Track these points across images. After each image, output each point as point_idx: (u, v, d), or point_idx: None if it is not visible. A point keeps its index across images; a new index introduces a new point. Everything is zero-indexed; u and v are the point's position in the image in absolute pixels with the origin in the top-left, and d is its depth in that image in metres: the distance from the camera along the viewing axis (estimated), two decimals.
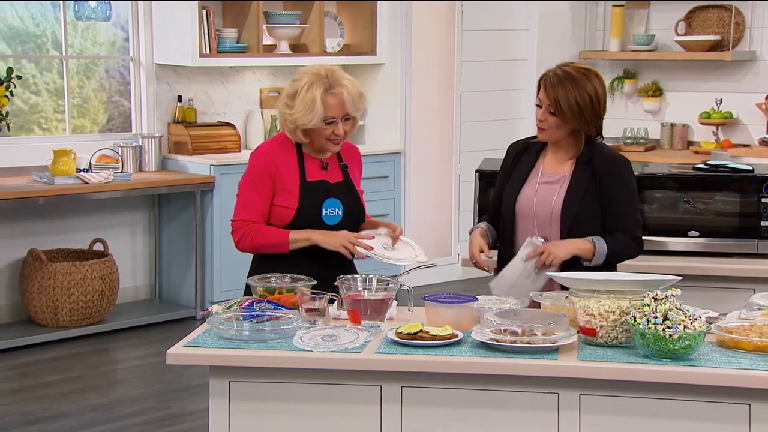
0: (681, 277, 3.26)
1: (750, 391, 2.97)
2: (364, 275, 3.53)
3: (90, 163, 6.60)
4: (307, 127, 3.72)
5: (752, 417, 2.99)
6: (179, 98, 7.14)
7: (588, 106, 3.64)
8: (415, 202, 7.93)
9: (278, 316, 3.31)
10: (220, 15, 7.23)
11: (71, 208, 6.77)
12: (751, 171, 4.68)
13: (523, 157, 3.85)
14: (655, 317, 3.02)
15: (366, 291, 3.42)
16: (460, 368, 3.07)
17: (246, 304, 3.45)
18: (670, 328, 2.99)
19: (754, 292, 3.97)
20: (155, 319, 6.81)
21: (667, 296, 3.06)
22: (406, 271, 3.86)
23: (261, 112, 7.47)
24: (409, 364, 3.09)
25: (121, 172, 6.66)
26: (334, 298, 3.45)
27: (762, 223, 4.57)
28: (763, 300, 3.47)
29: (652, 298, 3.06)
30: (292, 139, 3.80)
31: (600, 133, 3.74)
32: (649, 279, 3.23)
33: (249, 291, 3.67)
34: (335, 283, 3.47)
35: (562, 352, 3.11)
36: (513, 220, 3.79)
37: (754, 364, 3.01)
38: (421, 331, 3.20)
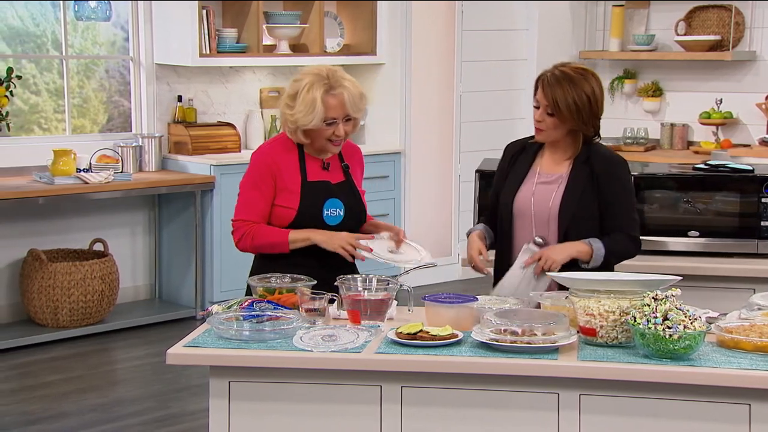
0: (681, 277, 3.26)
1: (750, 391, 2.97)
2: (364, 275, 3.54)
3: (90, 163, 6.60)
4: (307, 128, 3.71)
5: (752, 417, 2.99)
6: (179, 98, 7.14)
7: (586, 106, 3.64)
8: (415, 202, 7.93)
9: (278, 316, 3.31)
10: (220, 15, 7.23)
11: (71, 208, 6.76)
12: (751, 171, 4.68)
13: (520, 157, 3.85)
14: (655, 317, 3.02)
15: (366, 291, 3.42)
16: (460, 368, 3.07)
17: (246, 304, 3.45)
18: (670, 328, 2.99)
19: (754, 292, 3.97)
20: (155, 319, 6.81)
21: (667, 296, 3.06)
22: (406, 272, 3.85)
23: (261, 112, 7.47)
24: (409, 364, 3.09)
25: (121, 172, 6.66)
26: (334, 298, 3.45)
27: (762, 223, 4.57)
28: (763, 300, 3.47)
29: (652, 298, 3.06)
30: (293, 140, 3.80)
31: (598, 132, 3.74)
32: (649, 279, 3.23)
33: (250, 291, 3.67)
34: (335, 283, 3.47)
35: (562, 352, 3.11)
36: (510, 220, 3.78)
37: (754, 364, 3.01)
38: (421, 331, 3.20)
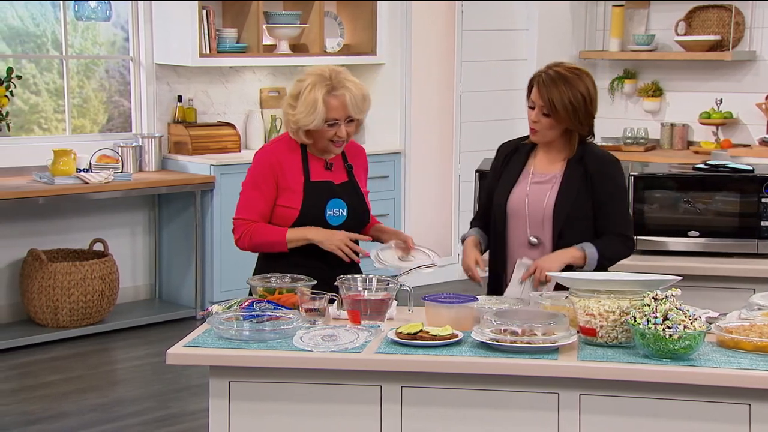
0: (681, 277, 3.26)
1: (750, 391, 2.97)
2: (364, 275, 3.54)
3: (90, 163, 6.60)
4: (308, 128, 3.71)
5: (752, 417, 2.99)
6: (179, 98, 7.14)
7: (581, 105, 3.64)
8: (415, 202, 7.93)
9: (278, 316, 3.31)
10: (220, 15, 7.23)
11: (71, 208, 6.76)
12: (751, 171, 4.68)
13: (514, 157, 3.85)
14: (655, 317, 3.02)
15: (366, 291, 3.42)
16: (460, 368, 3.07)
17: (246, 304, 3.45)
18: (670, 328, 2.99)
19: (754, 292, 3.97)
20: (155, 319, 6.81)
21: (667, 296, 3.06)
22: (406, 272, 3.85)
23: (261, 112, 7.47)
24: (409, 364, 3.09)
25: (121, 172, 6.66)
26: (334, 298, 3.45)
27: (762, 223, 4.57)
28: (763, 300, 3.47)
29: (652, 298, 3.06)
30: (295, 140, 3.80)
31: (592, 132, 3.74)
32: (649, 279, 3.23)
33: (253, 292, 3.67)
34: (335, 283, 3.47)
35: (562, 352, 3.11)
36: (504, 220, 3.78)
37: (754, 364, 3.01)
38: (421, 331, 3.20)
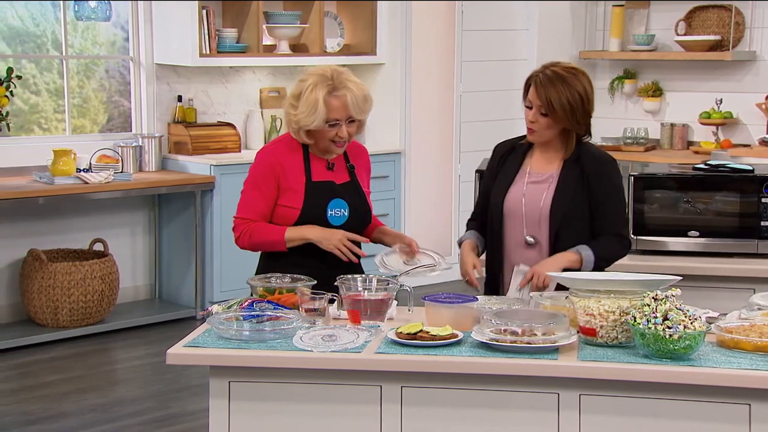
0: (681, 277, 3.26)
1: (750, 391, 2.97)
2: (364, 275, 3.54)
3: (90, 163, 6.60)
4: (309, 128, 3.71)
5: (752, 417, 2.99)
6: (179, 98, 7.14)
7: (579, 104, 3.65)
8: (415, 202, 7.93)
9: (278, 316, 3.31)
10: (220, 15, 7.23)
11: (71, 208, 6.76)
12: (751, 171, 4.68)
13: (510, 157, 3.85)
14: (655, 317, 3.02)
15: (366, 291, 3.42)
16: (460, 368, 3.07)
17: (246, 304, 3.45)
18: (670, 328, 2.99)
19: (754, 292, 3.97)
20: (155, 319, 6.81)
21: (667, 296, 3.06)
22: (406, 272, 3.85)
23: (261, 112, 7.47)
24: (409, 364, 3.09)
25: (121, 172, 6.66)
26: (334, 298, 3.45)
27: (762, 223, 4.56)
28: (763, 300, 3.47)
29: (652, 298, 3.06)
30: (297, 140, 3.80)
31: (589, 131, 3.75)
32: (649, 279, 3.23)
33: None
34: (335, 283, 3.47)
35: (562, 352, 3.11)
36: (501, 220, 3.78)
37: (754, 364, 3.01)
38: (421, 331, 3.19)
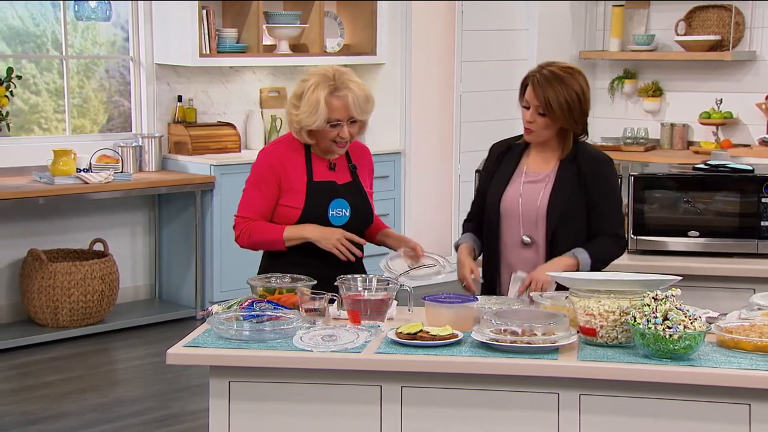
0: (681, 277, 3.26)
1: (750, 391, 2.97)
2: (364, 275, 3.54)
3: (90, 163, 6.60)
4: (311, 128, 3.72)
5: (752, 417, 2.99)
6: (179, 98, 7.14)
7: (576, 104, 3.66)
8: (415, 202, 7.93)
9: (278, 316, 3.31)
10: (220, 15, 7.23)
11: (71, 208, 6.76)
12: (751, 171, 4.67)
13: (506, 156, 3.86)
14: (655, 317, 3.02)
15: (366, 291, 3.42)
16: (460, 368, 3.07)
17: (246, 304, 3.45)
18: (670, 328, 2.99)
19: (754, 292, 3.97)
20: (155, 319, 6.81)
21: (667, 296, 3.06)
22: (406, 272, 3.86)
23: (261, 112, 7.47)
24: (409, 364, 3.09)
25: (121, 172, 6.66)
26: (334, 298, 3.45)
27: (762, 223, 4.56)
28: (763, 300, 3.47)
29: (652, 298, 3.06)
30: (299, 140, 3.80)
31: (586, 130, 3.76)
32: (649, 279, 3.23)
33: None
34: (335, 283, 3.47)
35: (562, 352, 3.11)
36: (498, 220, 3.79)
37: (754, 364, 3.01)
38: (421, 331, 3.19)
